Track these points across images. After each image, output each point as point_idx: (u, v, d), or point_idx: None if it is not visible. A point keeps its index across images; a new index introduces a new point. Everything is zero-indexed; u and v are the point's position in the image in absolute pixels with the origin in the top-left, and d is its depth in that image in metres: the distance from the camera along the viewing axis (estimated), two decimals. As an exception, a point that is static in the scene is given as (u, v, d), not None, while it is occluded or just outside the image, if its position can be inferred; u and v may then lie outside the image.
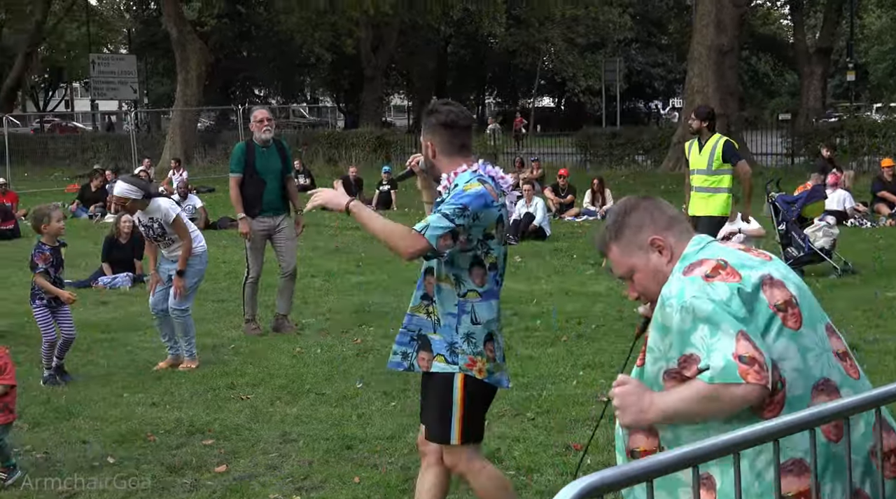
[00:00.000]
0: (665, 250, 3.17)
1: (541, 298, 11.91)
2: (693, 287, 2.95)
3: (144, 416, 7.57)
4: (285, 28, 43.42)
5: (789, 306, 2.96)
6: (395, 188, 24.16)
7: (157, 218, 8.87)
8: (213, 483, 6.13)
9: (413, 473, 6.18)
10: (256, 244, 10.30)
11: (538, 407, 7.51)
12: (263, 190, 10.21)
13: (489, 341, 4.66)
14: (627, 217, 3.25)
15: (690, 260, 3.09)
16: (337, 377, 8.58)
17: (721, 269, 2.99)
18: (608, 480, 2.16)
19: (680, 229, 3.21)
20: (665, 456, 2.26)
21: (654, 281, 3.19)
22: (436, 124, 4.72)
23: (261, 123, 10.28)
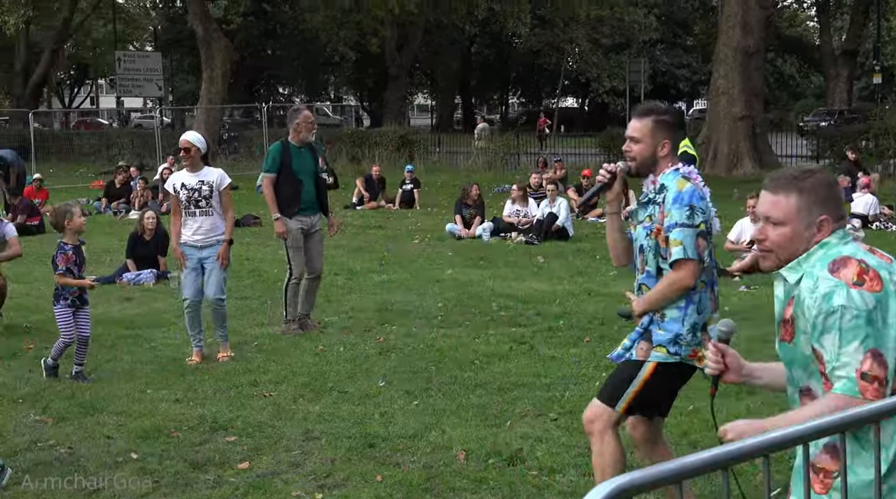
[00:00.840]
0: (824, 232, 3.23)
1: (563, 299, 11.88)
2: (842, 294, 3.04)
3: (168, 412, 7.59)
4: (310, 26, 43.51)
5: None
6: (419, 187, 24.15)
7: (210, 181, 9.18)
8: (235, 480, 6.14)
9: (435, 471, 6.18)
10: (297, 243, 10.21)
11: (561, 408, 7.48)
12: (301, 190, 10.16)
13: (703, 331, 4.83)
14: (824, 184, 3.28)
15: (833, 255, 3.15)
16: (359, 376, 8.58)
17: (865, 274, 3.07)
18: (637, 481, 2.14)
19: (839, 224, 3.27)
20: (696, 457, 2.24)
21: (791, 244, 3.25)
22: (672, 124, 4.87)
23: (311, 124, 10.25)
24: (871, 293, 3.04)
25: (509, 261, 15.18)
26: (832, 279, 3.08)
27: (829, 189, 3.28)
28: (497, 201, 21.35)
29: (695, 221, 4.69)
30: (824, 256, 3.17)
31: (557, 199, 17.95)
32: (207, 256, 9.27)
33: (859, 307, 3.01)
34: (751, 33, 29.95)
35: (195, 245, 9.25)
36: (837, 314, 3.02)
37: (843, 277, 3.07)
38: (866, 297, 3.03)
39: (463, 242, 17.55)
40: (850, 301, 3.02)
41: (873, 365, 2.97)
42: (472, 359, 9.06)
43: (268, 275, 13.85)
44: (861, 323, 3.00)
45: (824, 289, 3.07)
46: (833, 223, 3.24)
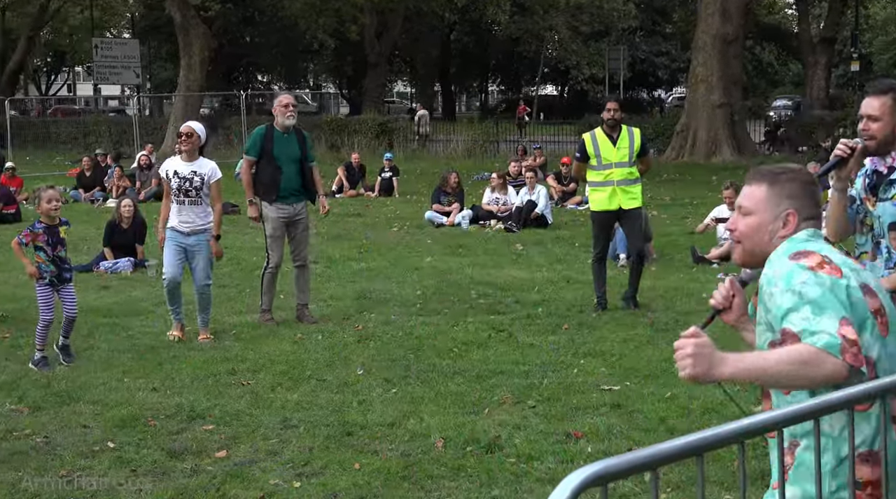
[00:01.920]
0: (789, 227, 3.23)
1: (542, 286, 11.89)
2: (801, 273, 3.02)
3: (145, 401, 7.56)
4: (289, 13, 43.36)
5: (879, 315, 3.06)
6: (398, 175, 24.12)
7: (203, 173, 9.38)
8: (213, 468, 6.12)
9: (413, 459, 6.17)
10: (276, 232, 10.17)
11: (539, 395, 7.49)
12: (280, 176, 10.08)
13: None
14: (799, 182, 3.29)
15: (797, 247, 3.15)
16: (338, 364, 8.56)
17: (826, 263, 3.06)
18: (612, 468, 2.14)
19: (811, 223, 3.26)
20: (671, 444, 2.24)
21: (756, 234, 3.27)
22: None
23: (286, 108, 10.13)
24: (830, 276, 3.01)
25: (488, 249, 15.17)
26: (791, 263, 3.08)
27: (803, 187, 3.28)
28: (476, 189, 21.34)
29: None
30: (788, 248, 3.17)
31: (536, 186, 17.97)
32: (194, 243, 9.39)
33: (822, 283, 2.98)
34: (730, 21, 29.99)
35: (182, 231, 9.40)
36: (801, 290, 2.98)
37: (803, 261, 3.07)
38: (825, 277, 3.00)
39: (442, 229, 17.54)
40: (811, 278, 3.00)
41: (850, 331, 2.89)
42: (450, 347, 9.06)
43: (246, 263, 13.81)
44: (827, 295, 2.95)
45: (784, 270, 3.06)
46: (802, 221, 3.24)
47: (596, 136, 10.51)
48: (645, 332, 9.53)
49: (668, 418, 6.85)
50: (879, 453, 2.89)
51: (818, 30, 47.96)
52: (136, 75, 44.39)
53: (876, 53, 64.40)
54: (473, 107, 77.97)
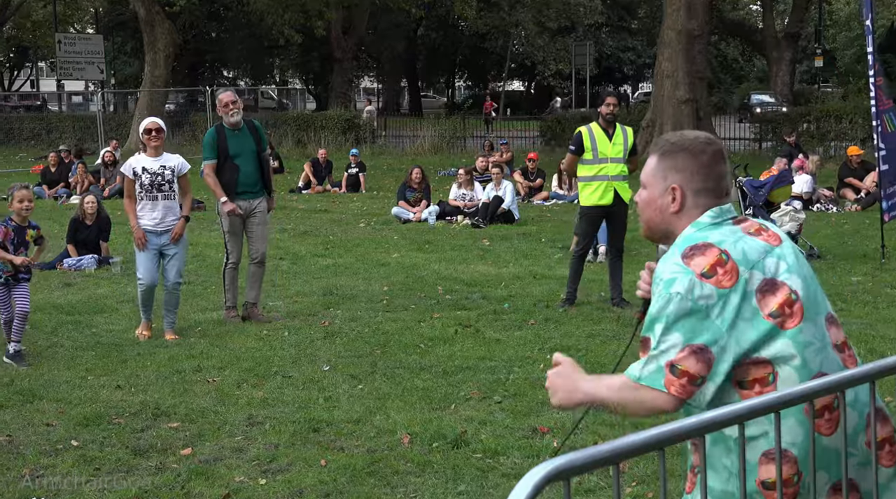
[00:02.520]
0: (676, 203, 3.06)
1: (509, 282, 11.91)
2: (684, 281, 2.86)
3: (109, 399, 7.51)
4: (255, 9, 43.09)
5: (786, 307, 2.86)
6: (364, 171, 24.08)
7: (172, 166, 9.40)
8: (178, 466, 6.09)
9: (379, 455, 6.17)
10: (235, 228, 10.10)
11: (505, 390, 7.50)
12: (238, 174, 10.00)
13: None
14: (687, 153, 3.08)
15: (695, 239, 2.96)
16: (304, 360, 8.54)
17: (720, 265, 2.87)
18: (576, 463, 2.14)
19: (705, 199, 3.06)
20: (632, 438, 2.25)
21: (647, 208, 3.14)
22: None
23: (226, 107, 10.00)
24: (716, 287, 2.83)
25: (455, 244, 15.18)
26: (680, 265, 2.89)
27: (695, 159, 3.06)
28: (443, 185, 21.34)
29: None
30: (689, 237, 2.99)
31: (503, 182, 17.99)
32: (166, 241, 9.36)
33: (695, 299, 2.83)
34: (695, 16, 30.10)
35: (155, 230, 9.34)
36: (672, 301, 2.85)
37: (694, 265, 2.88)
38: (708, 290, 2.83)
39: (409, 225, 17.53)
40: (688, 291, 2.84)
41: (689, 360, 2.80)
42: (416, 343, 9.06)
43: (212, 259, 13.75)
44: (692, 317, 2.82)
45: (669, 274, 2.90)
46: (693, 195, 3.05)
47: (592, 129, 10.55)
48: (611, 326, 9.57)
49: (634, 412, 6.87)
50: (789, 452, 2.80)
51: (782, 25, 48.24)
52: (100, 71, 43.96)
53: (839, 49, 64.84)
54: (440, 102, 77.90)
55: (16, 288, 8.66)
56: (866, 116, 27.07)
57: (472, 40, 59.20)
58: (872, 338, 8.84)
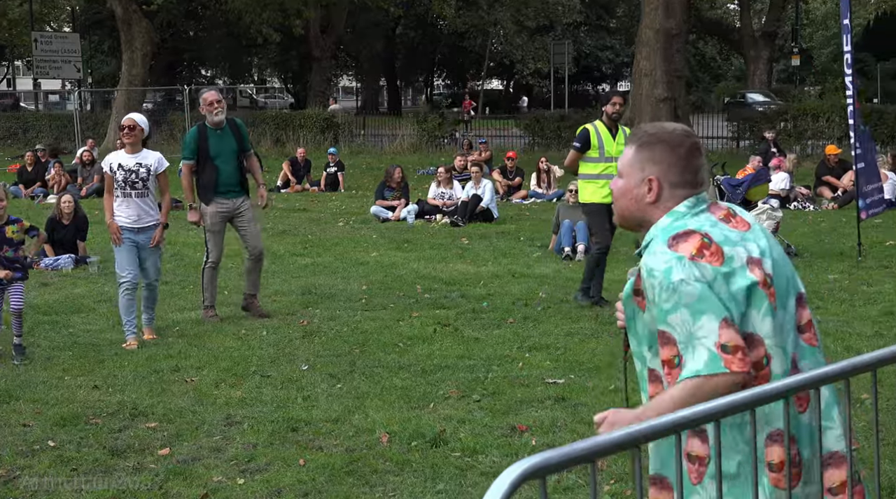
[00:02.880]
0: (652, 194, 3.11)
1: (488, 281, 11.92)
2: (680, 268, 2.92)
3: (87, 399, 7.47)
4: (233, 8, 42.96)
5: (766, 287, 2.97)
6: (343, 170, 24.05)
7: (148, 164, 9.22)
8: (156, 466, 6.07)
9: (358, 454, 6.16)
10: (215, 228, 10.04)
11: (484, 389, 7.51)
12: (217, 174, 9.94)
13: None
14: (667, 145, 3.13)
15: (675, 228, 3.03)
16: (282, 360, 8.52)
17: (706, 248, 2.95)
18: (552, 461, 2.15)
19: (682, 190, 3.11)
20: (608, 436, 2.25)
21: (623, 197, 3.18)
22: None
23: (211, 106, 9.94)
24: (711, 266, 2.92)
25: (434, 243, 15.18)
26: (669, 253, 2.95)
27: (672, 152, 3.11)
28: (422, 184, 21.33)
29: None
30: (668, 227, 3.05)
31: (482, 181, 18.00)
32: (145, 241, 9.24)
33: (699, 279, 2.89)
34: (673, 15, 30.19)
35: (132, 228, 9.21)
36: (679, 290, 2.89)
37: (682, 250, 2.95)
38: (705, 269, 2.91)
39: (387, 224, 17.52)
40: (688, 274, 2.90)
41: (730, 333, 2.84)
42: (395, 341, 9.05)
43: (190, 259, 13.71)
44: (706, 294, 2.88)
45: (662, 265, 2.94)
46: (670, 187, 3.10)
47: (598, 128, 10.51)
48: (589, 325, 9.59)
49: (612, 410, 6.89)
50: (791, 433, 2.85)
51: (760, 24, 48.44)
52: (76, 70, 43.73)
53: (816, 48, 65.21)
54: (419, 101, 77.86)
55: (11, 286, 8.69)
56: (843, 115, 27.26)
57: (450, 39, 59.22)
58: (849, 335, 8.90)
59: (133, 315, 9.24)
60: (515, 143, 34.36)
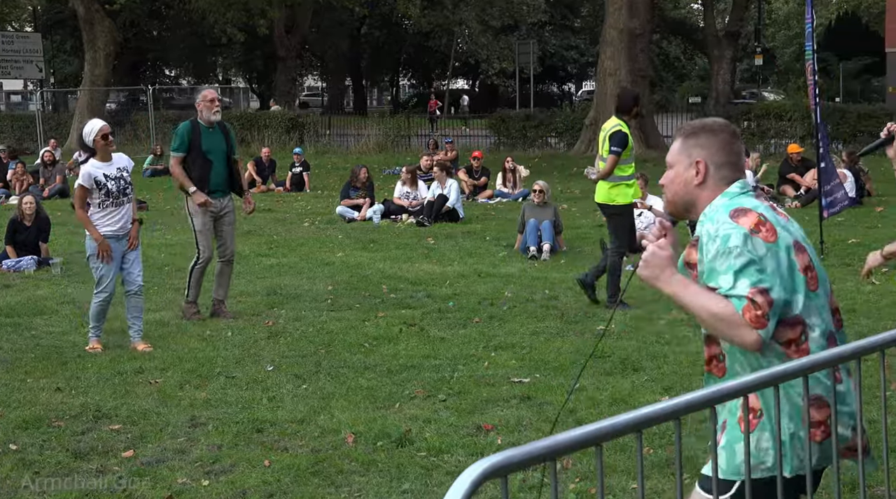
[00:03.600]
0: (700, 175, 3.45)
1: (453, 280, 11.93)
2: (738, 237, 3.23)
3: (49, 401, 7.42)
4: (197, 7, 42.71)
5: (809, 270, 3.31)
6: (308, 170, 23.99)
7: (125, 167, 9.01)
8: (119, 469, 6.04)
9: (324, 455, 6.15)
10: (206, 226, 10.01)
11: (450, 388, 7.52)
12: (211, 171, 9.94)
13: None
14: (710, 132, 3.49)
15: (735, 204, 3.34)
16: (247, 360, 8.50)
17: (762, 225, 3.27)
18: (514, 459, 2.16)
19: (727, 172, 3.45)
20: (570, 434, 2.27)
21: (674, 184, 3.53)
22: None
23: (211, 103, 9.96)
24: (764, 242, 3.23)
25: (400, 243, 15.17)
26: (731, 223, 3.27)
27: (713, 135, 3.47)
28: (388, 183, 21.32)
29: None
30: (727, 204, 3.35)
31: (448, 180, 17.99)
32: (123, 246, 9.06)
33: (752, 251, 3.20)
34: (637, 15, 30.34)
35: (118, 236, 8.96)
36: (732, 254, 3.20)
37: (743, 223, 3.26)
38: (759, 243, 3.22)
39: (353, 224, 17.50)
40: (744, 244, 3.21)
41: (759, 297, 3.14)
42: (361, 342, 9.05)
43: (154, 260, 13.62)
44: (754, 265, 3.19)
45: (724, 231, 3.26)
46: (715, 168, 3.44)
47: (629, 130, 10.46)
48: (554, 324, 9.62)
49: (577, 409, 6.93)
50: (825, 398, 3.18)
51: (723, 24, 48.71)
52: (38, 70, 43.34)
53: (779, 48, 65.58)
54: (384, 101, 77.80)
55: None
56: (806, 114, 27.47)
57: (415, 38, 59.13)
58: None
59: (103, 321, 9.12)
60: (481, 142, 34.40)
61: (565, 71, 66.45)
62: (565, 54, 61.34)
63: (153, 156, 27.85)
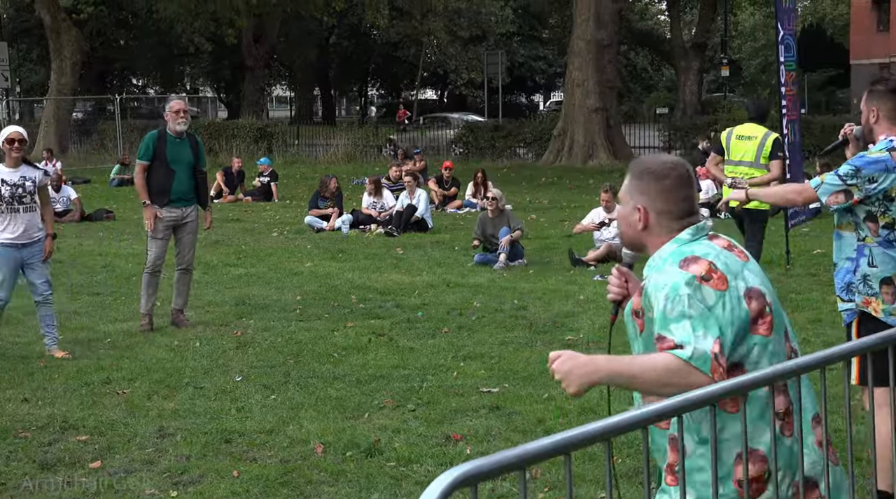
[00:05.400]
0: (642, 221, 3.36)
1: (422, 290, 11.93)
2: (688, 285, 3.12)
3: (15, 412, 7.36)
4: (164, 16, 42.60)
5: (761, 316, 3.18)
6: (276, 180, 23.94)
7: (32, 177, 8.95)
8: (87, 480, 6.00)
9: (292, 465, 6.14)
10: (159, 233, 10.05)
11: (419, 398, 7.52)
12: (173, 180, 10.00)
13: (886, 284, 5.14)
14: (652, 177, 3.37)
15: (684, 253, 3.24)
16: (216, 371, 8.46)
17: (713, 273, 3.16)
18: (483, 468, 2.17)
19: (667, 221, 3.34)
20: (539, 443, 2.28)
21: (623, 222, 3.46)
22: (884, 91, 5.25)
23: (177, 114, 10.04)
24: (714, 290, 3.13)
25: (368, 253, 15.17)
26: (682, 272, 3.17)
27: (655, 182, 3.35)
28: (357, 193, 21.32)
29: (846, 180, 5.07)
30: (676, 251, 3.26)
31: (417, 190, 18.01)
32: (29, 256, 8.98)
33: (704, 299, 3.10)
34: (604, 26, 30.52)
35: (15, 244, 8.90)
36: (684, 302, 3.10)
37: (692, 270, 3.16)
38: (709, 292, 3.12)
39: (322, 234, 17.48)
40: (696, 292, 3.11)
41: (721, 350, 3.04)
42: (330, 352, 9.03)
43: (121, 270, 13.56)
44: (707, 313, 3.08)
45: (673, 280, 3.15)
46: (656, 215, 3.34)
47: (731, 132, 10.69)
48: (523, 334, 9.64)
49: (546, 419, 6.95)
50: (759, 451, 3.07)
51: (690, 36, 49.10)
52: (4, 79, 43.02)
53: (745, 59, 66.19)
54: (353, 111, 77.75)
55: None
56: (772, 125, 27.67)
57: (384, 49, 59.21)
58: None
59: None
60: (449, 153, 34.45)
61: (534, 81, 66.72)
62: (533, 65, 61.62)
63: (120, 165, 27.70)
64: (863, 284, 5.18)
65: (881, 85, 5.31)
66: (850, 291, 5.23)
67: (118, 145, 34.66)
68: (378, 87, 76.49)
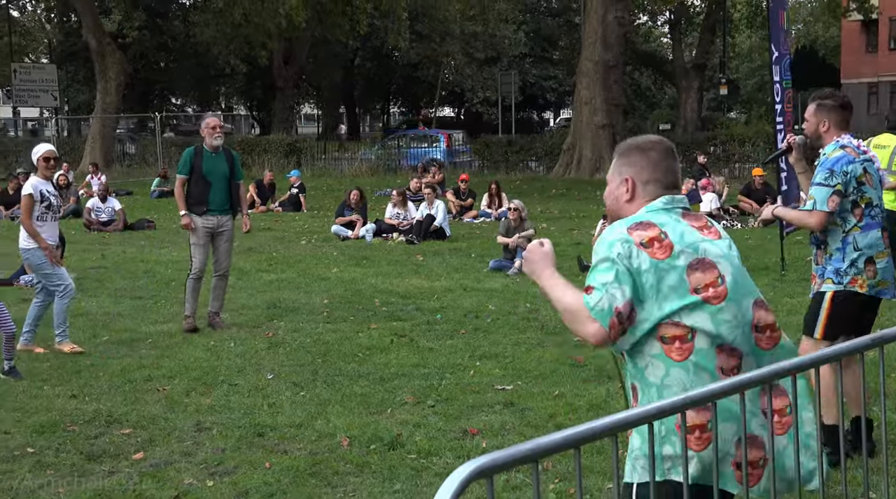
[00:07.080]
0: (629, 192, 3.35)
1: (441, 294, 11.93)
2: (624, 246, 3.13)
3: (64, 407, 7.40)
4: (202, 40, 42.80)
5: (712, 287, 3.14)
6: (304, 192, 23.99)
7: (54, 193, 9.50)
8: (130, 470, 6.02)
9: (320, 457, 6.15)
10: (200, 240, 10.14)
11: (438, 395, 7.52)
12: (209, 191, 10.09)
13: (869, 263, 5.58)
14: (638, 150, 3.39)
15: (641, 218, 3.23)
16: (249, 369, 8.49)
17: (657, 241, 3.14)
18: (498, 461, 2.17)
19: (653, 188, 3.33)
20: (551, 438, 2.28)
21: (609, 199, 3.45)
22: (834, 106, 5.68)
23: (213, 130, 10.16)
24: (649, 258, 3.12)
25: (391, 260, 15.18)
26: (624, 234, 3.17)
27: (642, 154, 3.36)
28: (380, 204, 21.34)
29: (829, 183, 5.48)
30: (637, 216, 3.26)
31: (435, 201, 18.02)
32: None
33: (630, 262, 3.10)
34: (610, 48, 30.48)
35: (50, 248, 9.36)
36: (612, 257, 3.12)
37: (635, 235, 3.16)
38: (643, 258, 3.11)
39: (347, 242, 17.50)
40: (626, 254, 3.12)
41: (627, 310, 3.08)
42: (355, 352, 9.04)
43: (161, 275, 13.61)
44: (629, 276, 3.09)
45: (613, 237, 3.17)
46: (643, 184, 3.33)
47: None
48: (535, 335, 9.63)
49: (557, 414, 6.94)
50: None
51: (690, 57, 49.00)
52: (53, 98, 43.27)
53: (742, 79, 65.99)
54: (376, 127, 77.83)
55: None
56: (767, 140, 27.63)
57: (405, 69, 59.27)
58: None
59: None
60: (466, 166, 34.46)
61: (544, 99, 66.63)
62: (544, 84, 61.52)
63: (160, 178, 27.81)
64: (851, 266, 5.57)
65: (830, 100, 5.71)
66: (839, 274, 5.60)
67: (159, 159, 34.82)
68: (399, 105, 76.54)
